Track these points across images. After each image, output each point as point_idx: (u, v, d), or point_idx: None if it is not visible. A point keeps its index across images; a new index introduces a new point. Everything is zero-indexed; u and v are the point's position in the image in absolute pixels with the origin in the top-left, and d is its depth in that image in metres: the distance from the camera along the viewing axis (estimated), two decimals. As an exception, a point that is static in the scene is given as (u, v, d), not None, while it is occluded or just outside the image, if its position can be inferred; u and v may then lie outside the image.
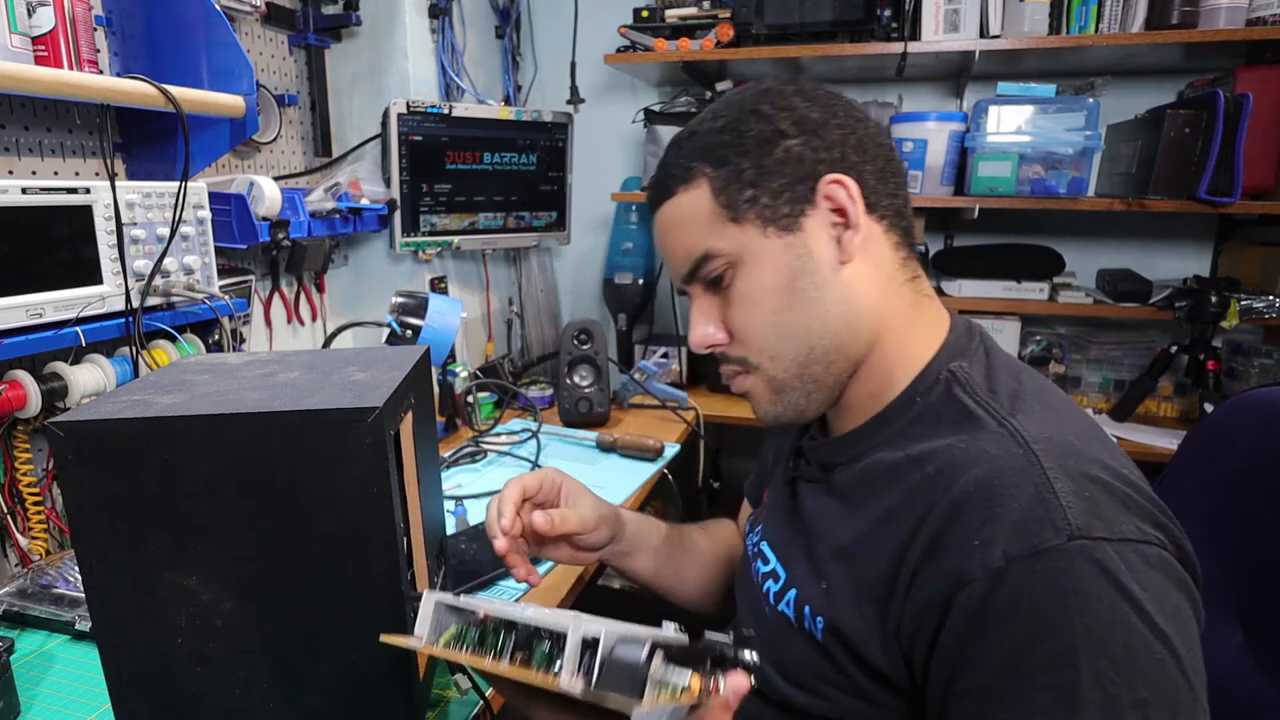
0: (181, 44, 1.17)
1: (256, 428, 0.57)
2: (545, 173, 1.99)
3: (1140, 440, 1.76)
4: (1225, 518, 0.80)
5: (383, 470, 0.58)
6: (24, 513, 1.04)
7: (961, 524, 0.54)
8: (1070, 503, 0.51)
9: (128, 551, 0.59)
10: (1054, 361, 1.98)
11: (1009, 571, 0.50)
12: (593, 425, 1.73)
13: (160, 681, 0.62)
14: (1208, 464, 0.84)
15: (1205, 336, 1.71)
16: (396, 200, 1.69)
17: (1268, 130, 1.56)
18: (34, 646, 0.88)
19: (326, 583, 0.61)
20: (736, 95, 0.70)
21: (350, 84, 1.73)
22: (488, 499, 1.33)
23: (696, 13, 1.83)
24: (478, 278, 2.10)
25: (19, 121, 1.08)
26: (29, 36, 1.00)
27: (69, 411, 0.60)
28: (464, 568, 1.06)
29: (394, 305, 1.35)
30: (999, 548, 0.51)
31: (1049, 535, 0.50)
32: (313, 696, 0.63)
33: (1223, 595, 0.77)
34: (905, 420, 0.65)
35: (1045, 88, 1.68)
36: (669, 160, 0.70)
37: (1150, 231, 1.94)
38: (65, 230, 0.98)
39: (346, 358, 0.74)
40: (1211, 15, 1.56)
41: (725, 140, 0.66)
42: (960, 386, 0.63)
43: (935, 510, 0.55)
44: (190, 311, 1.17)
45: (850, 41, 1.73)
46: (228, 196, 1.28)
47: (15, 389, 0.96)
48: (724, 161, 0.66)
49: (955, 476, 0.56)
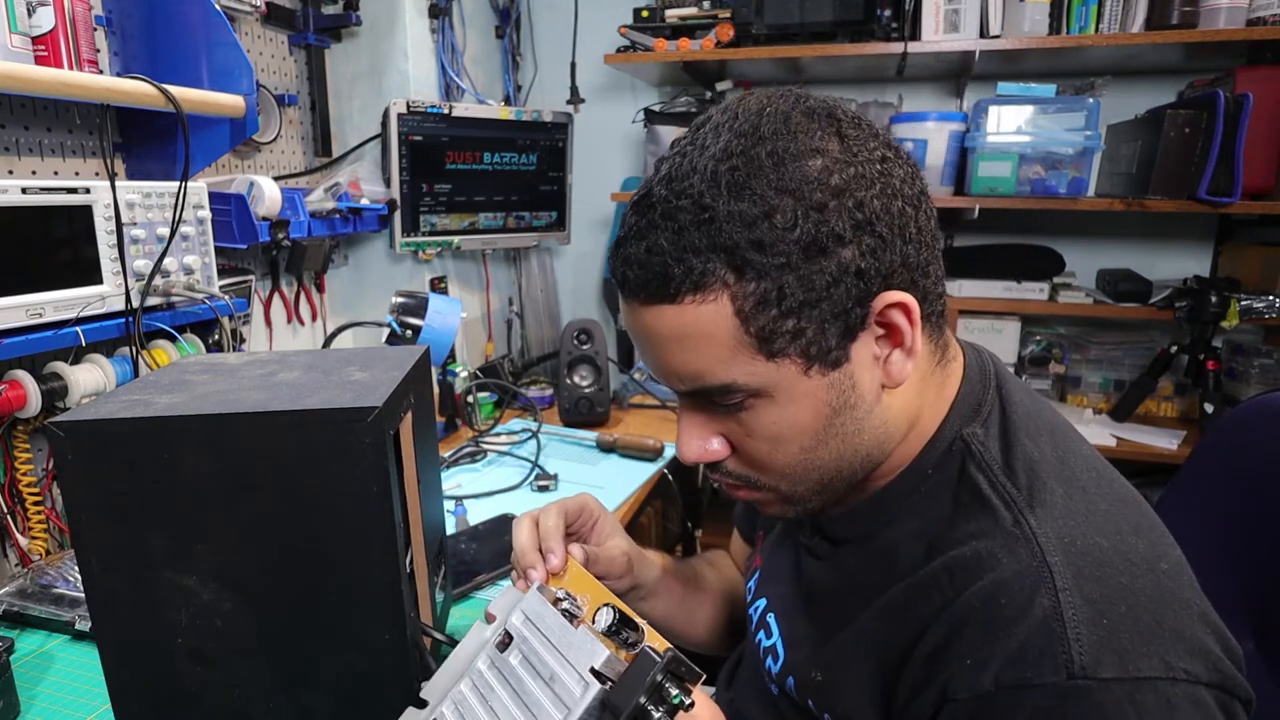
0: (181, 44, 1.17)
1: (256, 428, 0.57)
2: (545, 173, 1.99)
3: (1140, 440, 1.76)
4: (1237, 523, 0.79)
5: (383, 470, 0.58)
6: (24, 513, 1.04)
7: (962, 639, 0.49)
8: (1080, 634, 0.45)
9: (128, 551, 0.59)
10: (1054, 361, 1.98)
11: (996, 698, 0.46)
12: (593, 425, 1.73)
13: (160, 681, 0.62)
14: (1220, 469, 0.83)
15: (1205, 336, 1.71)
16: (396, 200, 1.69)
17: (1268, 130, 1.56)
18: (34, 646, 0.88)
19: (326, 583, 0.61)
20: (739, 123, 0.52)
21: (350, 84, 1.73)
22: (488, 499, 1.33)
23: (696, 13, 1.83)
24: (478, 278, 2.10)
25: (19, 121, 1.08)
26: (29, 36, 1.00)
27: (69, 411, 0.60)
28: (464, 568, 1.06)
29: (394, 305, 1.35)
30: (991, 672, 0.47)
31: (1046, 670, 0.45)
32: (312, 696, 0.63)
33: (1234, 602, 0.77)
34: (918, 496, 0.58)
35: (1045, 88, 1.68)
36: (662, 244, 0.51)
37: (1150, 231, 1.94)
38: (65, 230, 0.98)
39: (346, 358, 0.74)
40: (1211, 15, 1.56)
41: (754, 237, 0.49)
42: (975, 463, 0.56)
43: (941, 617, 0.51)
44: (190, 311, 1.17)
45: (850, 41, 1.73)
46: (228, 196, 1.28)
47: (15, 389, 0.96)
48: (755, 272, 0.50)
49: (964, 584, 0.51)
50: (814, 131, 0.51)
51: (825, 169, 0.50)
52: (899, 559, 0.57)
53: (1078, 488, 0.54)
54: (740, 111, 0.53)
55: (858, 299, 0.51)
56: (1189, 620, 0.48)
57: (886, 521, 0.60)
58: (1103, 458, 0.60)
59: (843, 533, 0.64)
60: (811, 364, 0.52)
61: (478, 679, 0.58)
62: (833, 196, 0.50)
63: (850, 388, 0.54)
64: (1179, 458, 1.70)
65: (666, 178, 0.53)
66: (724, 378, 0.53)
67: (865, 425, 0.56)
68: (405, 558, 0.64)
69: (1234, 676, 0.47)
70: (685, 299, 0.51)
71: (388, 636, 0.62)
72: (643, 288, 0.53)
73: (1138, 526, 0.52)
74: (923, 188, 0.55)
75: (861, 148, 0.52)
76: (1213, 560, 0.80)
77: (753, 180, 0.50)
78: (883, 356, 0.55)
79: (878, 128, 0.55)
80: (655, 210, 0.52)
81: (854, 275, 0.51)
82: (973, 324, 1.91)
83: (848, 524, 0.64)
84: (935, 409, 0.59)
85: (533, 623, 0.57)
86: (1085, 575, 0.48)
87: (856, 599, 0.60)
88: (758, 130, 0.51)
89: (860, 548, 0.62)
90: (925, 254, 0.54)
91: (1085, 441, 0.61)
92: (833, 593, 0.64)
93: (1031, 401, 0.61)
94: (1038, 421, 0.59)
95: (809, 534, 0.68)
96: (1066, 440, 0.59)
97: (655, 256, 0.51)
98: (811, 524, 0.68)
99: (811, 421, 0.55)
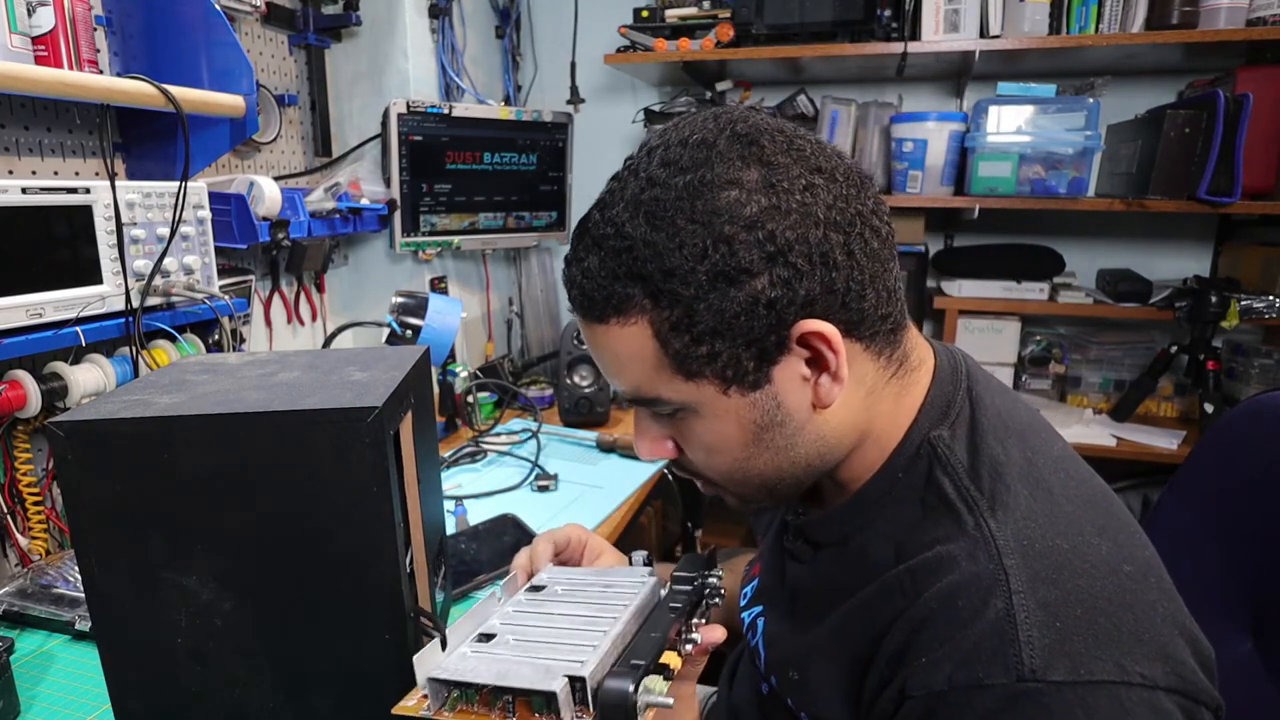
0: (181, 44, 1.17)
1: (256, 428, 0.57)
2: (545, 173, 1.99)
3: (1140, 440, 1.76)
4: (1237, 523, 0.79)
5: (383, 470, 0.58)
6: (24, 513, 1.04)
7: (920, 639, 0.50)
8: (1031, 637, 0.46)
9: (127, 551, 0.59)
10: (1054, 361, 1.98)
11: (949, 697, 0.47)
12: (593, 425, 1.73)
13: (160, 681, 0.62)
14: (1220, 469, 0.83)
15: (1205, 336, 1.71)
16: (396, 200, 1.69)
17: (1268, 130, 1.56)
18: (34, 646, 0.88)
19: (326, 583, 0.61)
20: (667, 151, 0.54)
21: (350, 84, 1.74)
22: (488, 499, 1.34)
23: (696, 13, 1.83)
24: (478, 278, 2.10)
25: (19, 121, 1.08)
26: (29, 36, 1.00)
27: (69, 411, 0.60)
28: (464, 568, 1.06)
29: (394, 305, 1.35)
30: (945, 672, 0.48)
31: (996, 672, 0.46)
32: (312, 696, 0.63)
33: (1232, 602, 0.77)
34: (889, 500, 0.59)
35: (1045, 88, 1.68)
36: (592, 268, 0.54)
37: (1150, 231, 1.94)
38: (65, 230, 0.98)
39: (346, 358, 0.74)
40: (1211, 15, 1.56)
41: (667, 267, 0.51)
42: (941, 467, 0.56)
43: (903, 617, 0.52)
44: (190, 311, 1.17)
45: (850, 41, 1.73)
46: (228, 196, 1.28)
47: (15, 389, 0.96)
48: (668, 299, 0.52)
49: (924, 585, 0.52)
50: (734, 161, 0.52)
51: (738, 200, 0.51)
52: (870, 561, 0.58)
53: (1043, 489, 0.54)
54: (671, 139, 0.55)
55: (771, 327, 0.52)
56: (1151, 623, 0.48)
57: (862, 525, 0.61)
58: (1078, 458, 0.60)
59: (822, 536, 0.65)
60: (729, 385, 0.54)
61: (518, 606, 0.64)
62: (744, 229, 0.50)
63: (775, 407, 0.55)
64: (1179, 458, 1.70)
65: (601, 203, 0.56)
66: (652, 393, 0.57)
67: (798, 440, 0.57)
68: (405, 558, 0.64)
69: (1198, 682, 0.47)
70: (611, 321, 0.55)
71: (388, 636, 0.62)
72: (581, 307, 0.57)
73: (1103, 528, 0.52)
74: (860, 209, 0.54)
75: (783, 176, 0.52)
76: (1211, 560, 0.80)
77: (668, 210, 0.52)
78: (812, 379, 0.55)
79: (811, 150, 0.54)
80: (590, 235, 0.56)
81: (764, 306, 0.51)
82: (973, 324, 1.91)
83: (826, 528, 0.64)
84: (895, 416, 0.60)
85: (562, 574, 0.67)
86: (1041, 578, 0.48)
87: (830, 600, 0.61)
88: (679, 161, 0.53)
89: (838, 551, 0.63)
90: (859, 276, 0.53)
91: (1059, 440, 0.61)
92: (811, 594, 0.65)
93: (1004, 402, 0.61)
94: (1008, 422, 0.59)
95: (793, 538, 0.69)
96: (1038, 441, 0.58)
97: (588, 280, 0.55)
98: (795, 528, 0.69)
99: (739, 435, 0.57)
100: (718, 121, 0.55)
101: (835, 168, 0.54)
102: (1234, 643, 0.76)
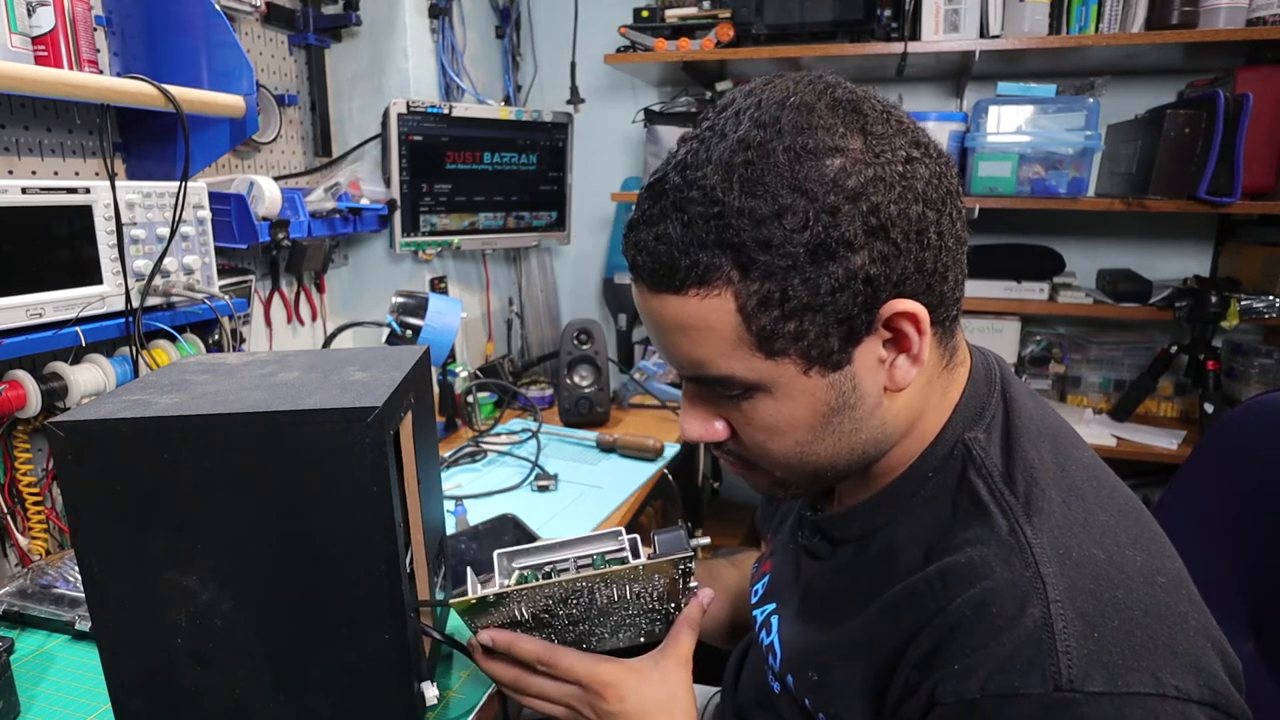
0: (181, 44, 1.17)
1: (256, 428, 0.57)
2: (545, 173, 1.99)
3: (1140, 440, 1.76)
4: (1237, 523, 0.79)
5: (382, 470, 0.58)
6: (24, 513, 1.04)
7: (952, 645, 0.49)
8: (1069, 646, 0.45)
9: (128, 551, 0.59)
10: (1054, 361, 1.98)
11: (982, 705, 0.46)
12: (593, 425, 1.73)
13: (160, 681, 0.62)
14: (1220, 469, 0.83)
15: (1205, 336, 1.71)
16: (396, 200, 1.69)
17: (1268, 130, 1.56)
18: (34, 646, 0.88)
19: (326, 582, 0.61)
20: (761, 112, 0.50)
21: (350, 84, 1.73)
22: (488, 499, 1.33)
23: (696, 13, 1.83)
24: (478, 278, 2.10)
25: (19, 121, 1.08)
26: (29, 36, 1.00)
27: (69, 411, 0.60)
28: (464, 568, 1.06)
29: (394, 305, 1.35)
30: (979, 679, 0.47)
31: (1033, 681, 0.45)
32: (313, 696, 0.63)
33: (1234, 602, 0.77)
34: (918, 500, 0.58)
35: (1045, 88, 1.68)
36: (671, 234, 0.50)
37: (1150, 231, 1.94)
38: (65, 230, 0.98)
39: (346, 358, 0.74)
40: (1211, 15, 1.56)
41: (763, 237, 0.48)
42: (975, 469, 0.55)
43: (934, 622, 0.51)
44: (190, 311, 1.17)
45: (850, 41, 1.73)
46: (228, 196, 1.28)
47: (15, 389, 0.96)
48: (760, 272, 0.49)
49: (957, 590, 0.50)
50: (836, 128, 0.49)
51: (843, 170, 0.48)
52: (897, 562, 0.57)
53: (1077, 497, 0.53)
54: (764, 99, 0.51)
55: (864, 305, 0.50)
56: (1185, 635, 0.47)
57: (885, 523, 0.60)
58: (1105, 465, 0.59)
59: (841, 533, 0.64)
60: (812, 365, 0.52)
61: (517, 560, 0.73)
62: (848, 200, 0.48)
63: (851, 389, 0.54)
64: (1179, 458, 1.70)
65: (682, 164, 0.51)
66: (724, 370, 0.53)
67: (864, 425, 0.56)
68: (405, 558, 0.64)
69: (1229, 695, 0.47)
70: (690, 291, 0.51)
71: (388, 636, 0.62)
72: (650, 275, 0.53)
73: (1136, 539, 0.52)
74: (951, 187, 0.52)
75: (886, 147, 0.50)
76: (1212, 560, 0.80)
77: (766, 176, 0.48)
78: (888, 360, 0.54)
79: (908, 122, 0.52)
80: (667, 198, 0.51)
81: (862, 282, 0.49)
82: (973, 324, 1.91)
83: (847, 524, 0.64)
84: (938, 412, 0.59)
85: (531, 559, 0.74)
86: (1079, 588, 0.47)
87: (853, 600, 0.60)
88: (778, 122, 0.49)
89: (858, 549, 0.62)
90: (945, 259, 0.52)
91: (1088, 448, 0.60)
92: (830, 593, 0.64)
93: (1036, 407, 0.60)
94: (1041, 428, 0.58)
95: (809, 534, 0.68)
96: (1069, 448, 0.58)
97: (663, 246, 0.51)
98: (812, 525, 0.68)
99: (809, 418, 0.55)
100: (814, 86, 0.51)
101: (929, 142, 0.53)
102: (1235, 643, 0.75)
